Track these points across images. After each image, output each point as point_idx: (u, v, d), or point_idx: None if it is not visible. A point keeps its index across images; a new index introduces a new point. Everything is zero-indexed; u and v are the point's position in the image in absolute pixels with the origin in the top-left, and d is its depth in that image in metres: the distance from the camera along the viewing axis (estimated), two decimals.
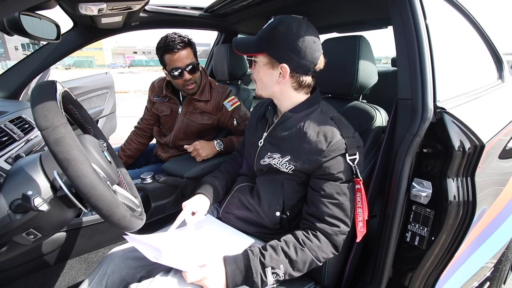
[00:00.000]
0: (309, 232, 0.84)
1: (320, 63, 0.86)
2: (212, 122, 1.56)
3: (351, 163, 0.82)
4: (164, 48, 1.37)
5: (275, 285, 0.90)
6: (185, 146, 1.44)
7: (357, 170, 0.82)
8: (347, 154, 0.81)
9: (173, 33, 1.40)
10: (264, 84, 0.90)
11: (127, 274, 0.88)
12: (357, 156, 0.82)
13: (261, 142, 0.97)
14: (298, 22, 0.83)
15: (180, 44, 1.36)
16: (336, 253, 0.85)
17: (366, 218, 0.83)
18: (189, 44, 1.40)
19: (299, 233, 0.84)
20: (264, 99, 1.06)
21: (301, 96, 0.90)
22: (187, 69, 1.40)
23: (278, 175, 0.91)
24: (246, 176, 1.05)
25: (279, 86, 0.88)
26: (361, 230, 0.84)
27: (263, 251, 0.80)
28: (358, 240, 0.85)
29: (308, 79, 0.88)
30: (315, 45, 0.83)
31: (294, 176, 0.89)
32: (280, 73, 0.85)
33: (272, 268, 0.77)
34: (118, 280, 0.86)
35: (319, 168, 0.83)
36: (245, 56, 1.90)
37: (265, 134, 0.97)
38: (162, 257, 0.76)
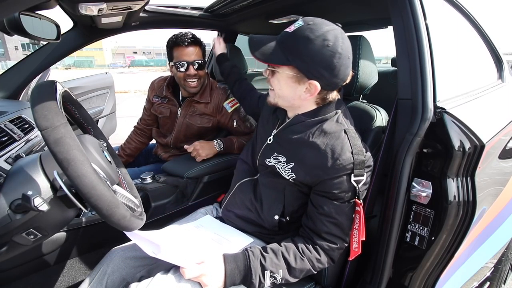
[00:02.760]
0: (310, 243, 0.83)
1: (349, 78, 0.79)
2: (212, 125, 1.55)
3: (355, 184, 0.78)
4: (175, 41, 1.40)
5: None
6: (185, 147, 1.43)
7: (359, 193, 0.79)
8: (352, 175, 0.77)
9: (186, 31, 1.45)
10: (284, 96, 0.82)
11: (127, 273, 0.88)
12: (363, 178, 0.78)
13: (270, 139, 0.93)
14: (335, 33, 0.72)
15: (191, 39, 1.40)
16: (332, 264, 0.85)
17: (362, 239, 0.82)
18: (199, 43, 1.44)
19: (300, 244, 0.83)
20: None
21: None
22: (193, 64, 1.41)
23: (280, 180, 0.89)
24: (246, 165, 1.03)
25: (300, 101, 0.81)
26: (355, 250, 0.84)
27: (264, 254, 0.80)
28: (350, 258, 0.86)
29: (333, 95, 0.81)
30: (348, 61, 0.75)
31: (296, 185, 0.87)
32: (306, 88, 0.77)
33: (271, 272, 0.78)
34: (118, 279, 0.86)
35: (320, 184, 0.81)
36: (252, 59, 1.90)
37: (274, 131, 0.93)
38: (160, 252, 0.76)
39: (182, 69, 1.40)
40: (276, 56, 0.76)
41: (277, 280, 0.78)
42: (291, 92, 0.80)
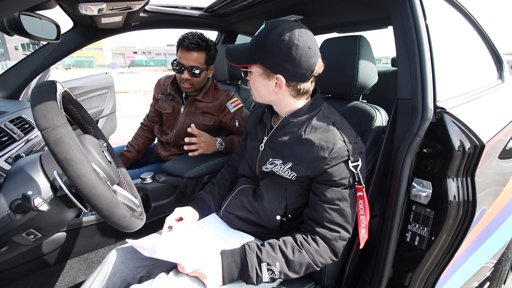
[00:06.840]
0: (309, 235, 0.83)
1: (319, 68, 0.83)
2: (213, 124, 1.56)
3: (353, 170, 0.80)
4: (181, 42, 1.40)
5: (275, 285, 0.90)
6: (187, 137, 1.37)
7: (360, 177, 0.81)
8: (349, 161, 0.80)
9: (199, 33, 1.42)
10: (261, 94, 0.87)
11: (127, 274, 0.87)
12: (359, 163, 0.81)
13: (262, 146, 0.95)
14: (290, 27, 0.78)
15: (194, 45, 1.38)
16: (335, 259, 0.84)
17: (368, 224, 0.83)
18: (204, 49, 1.40)
19: (298, 236, 0.84)
20: None
21: (301, 102, 0.88)
22: (188, 69, 1.41)
23: (282, 179, 0.89)
24: (247, 177, 1.05)
25: (276, 95, 0.85)
26: (363, 237, 0.84)
27: (260, 247, 0.81)
28: (361, 246, 0.86)
29: (306, 86, 0.85)
30: (310, 51, 0.79)
31: (298, 182, 0.88)
32: (276, 83, 0.82)
33: (268, 264, 0.78)
34: (119, 280, 0.86)
35: (321, 174, 0.82)
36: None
37: (265, 138, 0.95)
38: (157, 251, 0.76)
39: (178, 69, 1.43)
40: (244, 58, 0.84)
41: (275, 274, 0.78)
42: (264, 89, 0.86)
